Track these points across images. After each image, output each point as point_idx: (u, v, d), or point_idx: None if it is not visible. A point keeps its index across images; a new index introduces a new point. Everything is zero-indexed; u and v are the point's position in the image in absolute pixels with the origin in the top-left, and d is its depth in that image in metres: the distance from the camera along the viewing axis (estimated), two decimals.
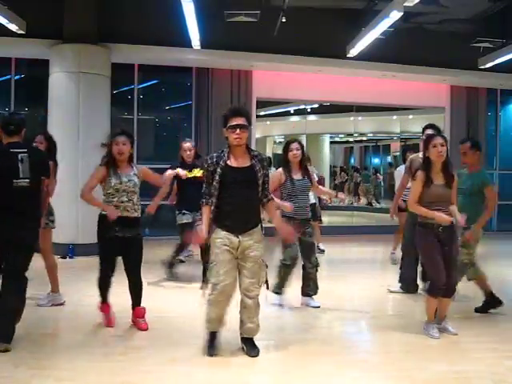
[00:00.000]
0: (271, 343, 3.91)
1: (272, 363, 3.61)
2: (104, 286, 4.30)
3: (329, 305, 5.04)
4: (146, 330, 4.16)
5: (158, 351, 3.76)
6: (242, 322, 3.68)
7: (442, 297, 4.09)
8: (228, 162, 3.56)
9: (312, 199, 6.93)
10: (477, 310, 4.77)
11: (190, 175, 5.86)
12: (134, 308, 4.27)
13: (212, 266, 3.58)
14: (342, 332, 4.49)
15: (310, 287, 4.95)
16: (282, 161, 4.97)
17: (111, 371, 3.38)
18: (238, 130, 3.50)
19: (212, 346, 3.66)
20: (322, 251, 7.88)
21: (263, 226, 3.72)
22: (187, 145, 6.00)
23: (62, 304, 4.84)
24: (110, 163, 4.16)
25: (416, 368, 3.51)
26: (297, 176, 4.86)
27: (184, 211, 5.93)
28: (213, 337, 3.69)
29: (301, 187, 4.84)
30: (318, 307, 4.92)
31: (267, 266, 3.72)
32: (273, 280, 4.81)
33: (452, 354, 3.78)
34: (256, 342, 3.70)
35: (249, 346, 3.66)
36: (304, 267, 4.91)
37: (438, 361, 3.65)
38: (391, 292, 5.53)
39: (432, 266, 4.09)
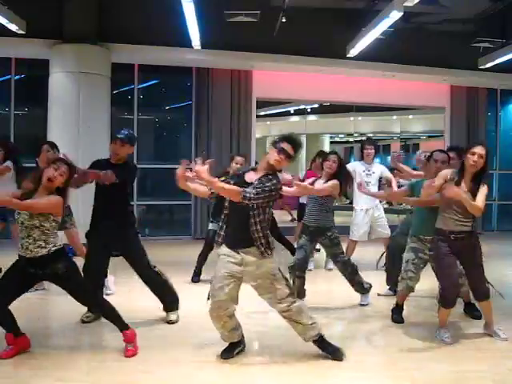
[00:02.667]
0: (270, 343, 3.90)
1: (271, 363, 3.61)
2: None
3: (328, 305, 5.04)
4: (131, 356, 3.64)
5: (158, 351, 3.76)
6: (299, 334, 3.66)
7: (477, 300, 4.07)
8: (246, 175, 3.55)
9: (301, 199, 6.96)
10: None
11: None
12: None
13: (212, 280, 3.58)
14: (341, 332, 4.48)
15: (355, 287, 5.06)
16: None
17: (111, 371, 3.39)
18: (282, 155, 3.52)
19: (227, 350, 3.65)
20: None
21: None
22: (239, 158, 5.98)
23: None
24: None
25: (416, 368, 3.51)
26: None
27: (213, 220, 6.00)
28: (229, 346, 3.68)
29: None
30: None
31: (287, 279, 3.61)
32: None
33: (452, 354, 3.78)
34: (254, 343, 3.70)
35: (324, 348, 3.66)
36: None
37: (438, 361, 3.65)
38: (380, 295, 5.52)
39: (443, 277, 3.96)
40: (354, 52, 8.64)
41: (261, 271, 3.45)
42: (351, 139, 13.60)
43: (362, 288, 5.02)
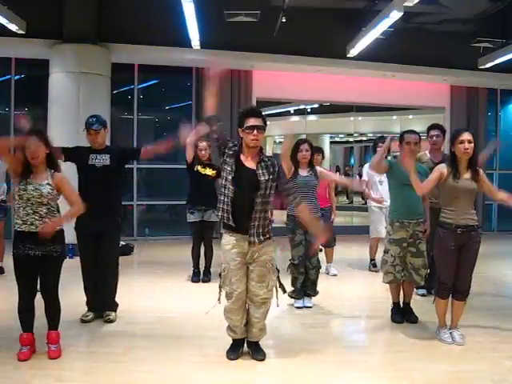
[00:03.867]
0: (270, 343, 3.90)
1: (271, 364, 3.61)
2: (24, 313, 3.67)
3: (328, 305, 5.04)
4: (56, 358, 3.56)
5: (158, 351, 3.76)
6: (248, 325, 3.66)
7: (454, 299, 3.99)
8: (241, 157, 3.53)
9: None
10: None
11: (203, 171, 5.90)
12: (48, 330, 3.70)
13: (224, 274, 3.54)
14: (341, 332, 4.49)
15: (307, 287, 4.97)
16: (292, 160, 4.96)
17: (111, 371, 3.39)
18: (255, 131, 3.45)
19: (233, 351, 3.64)
20: (320, 250, 7.85)
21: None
22: (203, 144, 5.99)
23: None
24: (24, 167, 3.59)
25: (416, 368, 3.51)
26: (303, 173, 4.91)
27: (192, 210, 5.97)
28: (236, 343, 3.68)
29: (305, 183, 4.87)
30: (310, 307, 4.95)
31: (279, 271, 3.66)
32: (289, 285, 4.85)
33: (452, 354, 3.78)
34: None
35: (254, 350, 3.66)
36: (305, 267, 4.92)
37: (438, 361, 3.65)
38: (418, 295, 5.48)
39: (444, 265, 3.95)
40: (354, 52, 8.64)
41: (264, 259, 3.52)
42: (351, 139, 13.59)
43: (314, 290, 5.02)
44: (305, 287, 4.96)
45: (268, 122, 3.63)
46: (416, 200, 4.35)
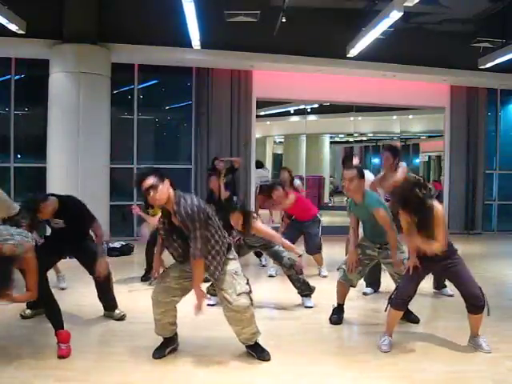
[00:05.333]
0: (270, 344, 3.90)
1: (271, 364, 3.60)
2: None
3: (328, 305, 5.04)
4: (66, 356, 3.58)
5: None
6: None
7: (468, 313, 3.82)
8: None
9: None
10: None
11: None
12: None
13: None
14: (341, 332, 4.48)
15: (299, 288, 5.02)
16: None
17: (111, 371, 3.39)
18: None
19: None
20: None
21: None
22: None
23: None
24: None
25: (416, 368, 3.52)
26: None
27: None
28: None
29: None
30: (311, 307, 4.98)
31: (247, 278, 3.63)
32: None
33: (452, 354, 3.78)
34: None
35: (256, 351, 3.66)
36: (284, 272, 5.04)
37: (438, 361, 3.65)
38: (366, 294, 5.52)
39: (473, 280, 3.78)
40: (354, 52, 8.64)
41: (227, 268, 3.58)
42: (351, 139, 13.60)
43: (309, 288, 5.09)
44: (297, 289, 5.03)
45: (268, 122, 3.62)
46: (379, 229, 4.26)
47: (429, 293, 5.45)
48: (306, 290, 5.04)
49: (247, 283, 3.57)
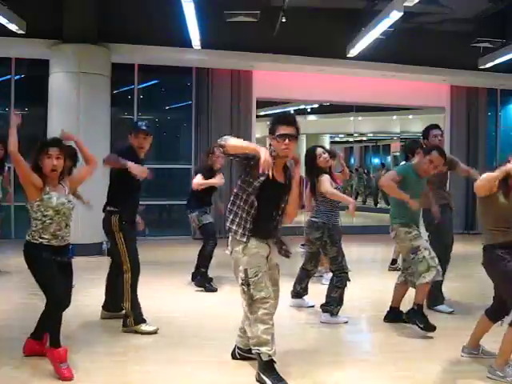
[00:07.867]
0: None
1: None
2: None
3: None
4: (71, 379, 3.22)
5: (158, 351, 3.76)
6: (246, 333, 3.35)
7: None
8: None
9: None
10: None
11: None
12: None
13: (256, 280, 3.18)
14: (341, 332, 4.48)
15: (327, 297, 4.86)
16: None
17: (111, 371, 3.39)
18: (287, 140, 3.33)
19: (280, 378, 3.16)
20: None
21: None
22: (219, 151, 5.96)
23: None
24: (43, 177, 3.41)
25: (416, 368, 3.52)
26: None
27: (205, 210, 5.96)
28: (273, 365, 3.20)
29: None
30: (312, 306, 5.00)
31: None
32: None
33: (452, 354, 3.77)
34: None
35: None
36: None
37: (438, 361, 3.64)
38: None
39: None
40: (354, 52, 8.64)
41: (272, 263, 3.40)
42: (351, 139, 13.60)
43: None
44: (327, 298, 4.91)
45: (268, 122, 3.59)
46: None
47: None
48: (331, 304, 4.59)
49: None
